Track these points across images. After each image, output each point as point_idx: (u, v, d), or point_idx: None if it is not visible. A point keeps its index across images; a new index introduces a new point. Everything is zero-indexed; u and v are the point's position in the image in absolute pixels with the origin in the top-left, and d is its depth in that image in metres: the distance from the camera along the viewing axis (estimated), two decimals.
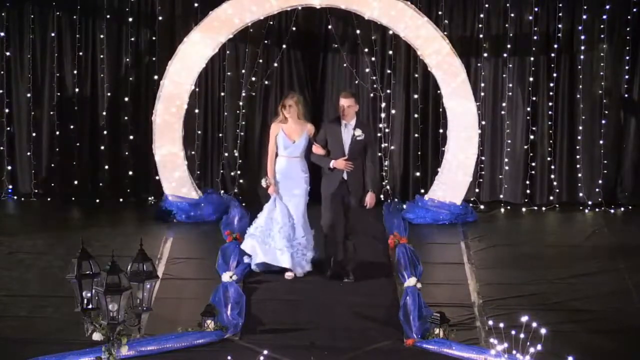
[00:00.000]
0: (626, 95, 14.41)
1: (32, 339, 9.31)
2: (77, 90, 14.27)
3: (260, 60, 14.20)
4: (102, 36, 14.16)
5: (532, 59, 14.22)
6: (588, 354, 9.08)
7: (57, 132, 14.34)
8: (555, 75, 14.26)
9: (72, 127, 14.34)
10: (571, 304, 10.54)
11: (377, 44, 14.22)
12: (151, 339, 9.18)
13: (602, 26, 14.17)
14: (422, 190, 14.16)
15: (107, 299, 7.09)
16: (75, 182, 14.36)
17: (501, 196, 14.47)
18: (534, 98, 14.31)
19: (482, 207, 14.26)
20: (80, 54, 14.23)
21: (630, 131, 14.49)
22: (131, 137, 14.32)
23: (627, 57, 14.29)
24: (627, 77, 14.36)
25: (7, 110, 14.31)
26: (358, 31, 14.09)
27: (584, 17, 14.12)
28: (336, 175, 10.84)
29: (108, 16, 14.13)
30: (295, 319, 10.06)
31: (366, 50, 14.18)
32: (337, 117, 10.98)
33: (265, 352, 8.85)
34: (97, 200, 14.31)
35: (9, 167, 14.40)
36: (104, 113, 14.31)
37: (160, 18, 14.14)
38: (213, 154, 14.51)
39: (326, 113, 14.37)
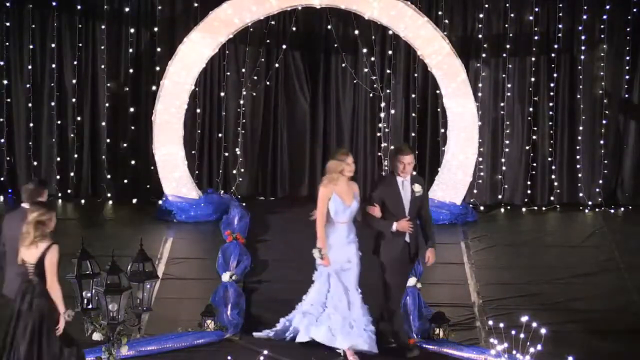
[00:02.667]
0: (626, 96, 14.41)
1: None
2: (77, 90, 14.26)
3: (263, 59, 14.20)
4: (102, 36, 14.16)
5: (532, 59, 14.21)
6: (588, 354, 9.08)
7: (57, 133, 14.34)
8: (555, 75, 14.26)
9: (72, 127, 14.34)
10: (571, 304, 10.54)
11: (377, 44, 14.21)
12: (151, 339, 9.18)
13: (602, 26, 14.16)
14: None
15: (107, 299, 7.11)
16: (75, 182, 14.36)
17: (501, 196, 14.46)
18: (535, 98, 14.30)
19: (482, 207, 14.24)
20: (80, 54, 14.23)
21: (631, 132, 14.48)
22: (131, 137, 14.31)
23: (627, 58, 14.29)
24: (627, 77, 14.35)
25: (6, 110, 14.31)
26: (357, 31, 14.10)
27: (584, 17, 14.11)
28: (399, 239, 9.36)
29: (108, 16, 14.13)
30: None
31: (365, 50, 14.18)
32: (389, 174, 9.62)
33: (265, 352, 8.86)
34: (98, 200, 14.32)
35: (9, 167, 14.39)
36: (104, 113, 14.30)
37: (160, 18, 14.14)
38: (213, 154, 14.50)
39: (326, 114, 14.39)
